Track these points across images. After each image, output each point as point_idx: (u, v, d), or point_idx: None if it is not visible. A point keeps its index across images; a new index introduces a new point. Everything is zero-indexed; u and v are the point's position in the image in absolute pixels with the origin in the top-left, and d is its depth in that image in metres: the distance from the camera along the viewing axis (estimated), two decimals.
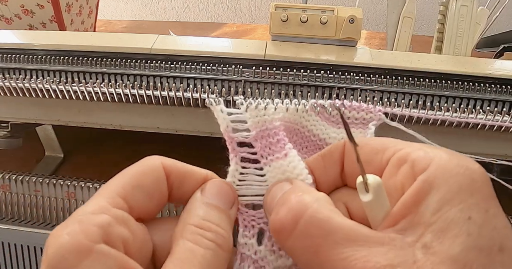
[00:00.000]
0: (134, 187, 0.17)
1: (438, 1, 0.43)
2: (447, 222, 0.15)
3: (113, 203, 0.16)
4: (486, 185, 0.16)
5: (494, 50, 0.68)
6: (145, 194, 0.18)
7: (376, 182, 0.17)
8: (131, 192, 0.17)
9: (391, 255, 0.15)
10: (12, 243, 0.38)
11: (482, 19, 0.43)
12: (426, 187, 0.16)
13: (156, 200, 0.19)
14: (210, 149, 0.54)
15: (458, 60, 0.39)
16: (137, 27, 0.96)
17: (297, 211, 0.17)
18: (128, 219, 0.17)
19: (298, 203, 0.17)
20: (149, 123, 0.42)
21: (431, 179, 0.16)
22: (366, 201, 0.17)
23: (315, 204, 0.17)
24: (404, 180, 0.17)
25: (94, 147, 0.57)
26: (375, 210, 0.17)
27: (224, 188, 0.20)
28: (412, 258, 0.14)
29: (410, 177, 0.17)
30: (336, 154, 0.21)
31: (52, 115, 0.43)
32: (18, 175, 0.40)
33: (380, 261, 0.14)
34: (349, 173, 0.20)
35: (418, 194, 0.16)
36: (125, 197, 0.17)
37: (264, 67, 0.37)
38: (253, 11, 1.39)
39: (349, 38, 0.39)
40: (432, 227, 0.15)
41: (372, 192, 0.17)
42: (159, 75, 0.37)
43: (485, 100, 0.36)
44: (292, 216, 0.17)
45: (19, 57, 0.40)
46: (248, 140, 0.22)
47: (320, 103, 0.27)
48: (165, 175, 0.19)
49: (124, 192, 0.17)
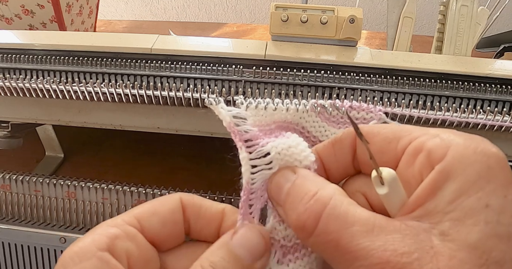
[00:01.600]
0: (151, 213, 0.19)
1: (438, 1, 0.43)
2: (465, 211, 0.15)
3: (127, 221, 0.18)
4: (504, 170, 0.16)
5: (494, 50, 0.68)
6: (159, 220, 0.19)
7: (391, 175, 0.17)
8: (146, 216, 0.19)
9: (408, 242, 0.15)
10: (12, 243, 0.38)
11: (483, 19, 0.43)
12: (443, 177, 0.16)
13: (169, 228, 0.19)
14: (210, 149, 0.55)
15: (458, 60, 0.39)
16: (137, 27, 0.96)
17: (316, 211, 0.17)
18: (136, 236, 0.18)
19: (316, 201, 0.17)
20: (149, 123, 0.42)
21: (447, 169, 0.16)
22: (382, 194, 0.17)
23: (332, 200, 0.17)
24: (422, 170, 0.17)
25: (94, 147, 0.57)
26: (392, 201, 0.17)
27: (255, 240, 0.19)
28: (429, 244, 0.15)
29: (428, 167, 0.16)
30: (347, 141, 0.20)
31: (52, 115, 0.43)
32: (18, 175, 0.40)
33: (397, 249, 0.15)
34: (363, 160, 0.20)
35: (435, 184, 0.16)
36: (140, 219, 0.19)
37: (264, 67, 0.37)
38: (253, 11, 1.39)
39: (349, 38, 0.39)
40: (449, 215, 0.15)
41: (387, 185, 0.17)
42: (159, 75, 0.37)
43: (485, 100, 0.36)
44: (312, 217, 0.17)
45: (20, 57, 0.40)
46: (250, 135, 0.22)
47: (320, 103, 0.27)
48: (182, 207, 0.20)
49: (140, 215, 0.19)
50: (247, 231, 0.19)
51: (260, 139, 0.21)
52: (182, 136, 0.43)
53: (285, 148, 0.20)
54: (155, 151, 0.55)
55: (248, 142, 0.21)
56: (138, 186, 0.39)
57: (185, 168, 0.52)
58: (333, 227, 0.16)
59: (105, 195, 0.39)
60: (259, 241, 0.19)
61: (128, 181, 0.40)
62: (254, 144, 0.21)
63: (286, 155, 0.20)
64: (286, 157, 0.21)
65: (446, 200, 0.15)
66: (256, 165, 0.20)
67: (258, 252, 0.19)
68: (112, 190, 0.39)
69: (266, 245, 0.19)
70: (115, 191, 0.39)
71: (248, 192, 0.20)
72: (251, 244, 0.19)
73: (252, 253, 0.18)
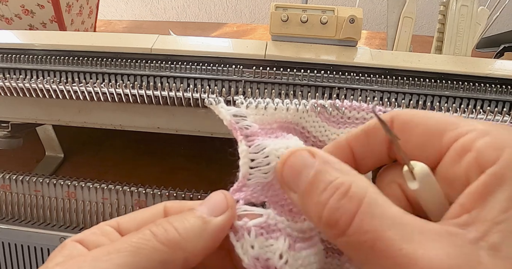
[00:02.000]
0: (131, 217, 0.20)
1: (438, 1, 0.43)
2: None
3: (107, 223, 0.19)
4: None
5: (494, 50, 0.68)
6: (137, 223, 0.19)
7: (423, 171, 0.16)
8: (126, 220, 0.19)
9: (454, 253, 0.14)
10: (12, 243, 0.38)
11: (482, 19, 0.43)
12: (496, 182, 0.14)
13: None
14: (210, 149, 0.55)
15: (458, 60, 0.39)
16: (137, 27, 0.96)
17: (350, 209, 0.15)
18: (111, 233, 0.19)
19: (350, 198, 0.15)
20: (149, 123, 0.42)
21: (501, 173, 0.14)
22: (415, 189, 0.16)
23: (367, 197, 0.15)
24: (469, 171, 0.15)
25: (94, 147, 0.57)
26: (426, 198, 0.16)
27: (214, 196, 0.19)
28: (476, 258, 0.13)
29: (476, 169, 0.15)
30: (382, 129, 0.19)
31: (52, 115, 0.43)
32: (18, 175, 0.40)
33: (443, 261, 0.13)
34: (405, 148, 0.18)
35: (486, 189, 0.14)
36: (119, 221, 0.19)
37: (264, 67, 0.37)
38: (253, 11, 1.39)
39: (349, 38, 0.39)
40: (501, 226, 0.14)
41: (418, 181, 0.16)
42: (159, 75, 0.37)
43: (485, 100, 0.36)
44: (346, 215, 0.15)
45: (20, 57, 0.40)
46: (250, 131, 0.22)
47: (320, 103, 0.27)
48: (165, 211, 0.20)
49: (120, 219, 0.19)
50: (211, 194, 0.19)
51: (260, 136, 0.21)
52: (182, 136, 0.43)
53: (283, 147, 0.20)
54: (155, 151, 0.55)
55: (248, 137, 0.21)
56: (138, 186, 0.39)
57: (185, 168, 0.52)
58: (368, 227, 0.15)
59: (105, 195, 0.39)
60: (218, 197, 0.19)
61: (128, 181, 0.40)
62: (254, 139, 0.21)
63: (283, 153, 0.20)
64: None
65: (498, 208, 0.14)
66: (255, 159, 0.20)
67: (218, 208, 0.18)
68: (112, 190, 0.39)
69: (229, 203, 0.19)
70: (115, 191, 0.39)
71: (242, 185, 0.20)
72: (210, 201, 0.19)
73: (210, 208, 0.18)
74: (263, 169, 0.20)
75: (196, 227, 0.17)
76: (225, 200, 0.19)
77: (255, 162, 0.20)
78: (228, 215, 0.18)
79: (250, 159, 0.20)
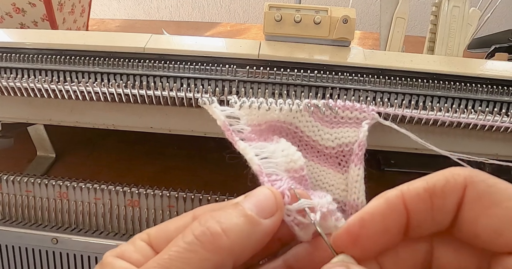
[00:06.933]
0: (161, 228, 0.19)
1: (430, 2, 0.44)
2: None
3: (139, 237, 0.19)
4: None
5: (485, 50, 0.69)
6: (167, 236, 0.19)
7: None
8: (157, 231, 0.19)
9: None
10: (3, 244, 0.38)
11: (474, 20, 0.43)
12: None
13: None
14: (204, 149, 0.54)
15: (450, 60, 0.40)
16: (130, 26, 0.96)
17: None
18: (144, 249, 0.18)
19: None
20: (142, 122, 0.41)
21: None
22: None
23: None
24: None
25: (86, 147, 0.56)
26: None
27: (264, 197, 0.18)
28: None
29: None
30: (454, 195, 0.15)
31: (44, 114, 0.43)
32: (10, 175, 0.40)
33: None
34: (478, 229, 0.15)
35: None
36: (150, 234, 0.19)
37: (258, 67, 0.37)
38: (247, 10, 1.39)
39: (343, 38, 0.39)
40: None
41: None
42: (152, 74, 0.37)
43: (477, 100, 0.36)
44: None
45: (10, 56, 0.39)
46: (244, 136, 0.22)
47: (314, 103, 0.27)
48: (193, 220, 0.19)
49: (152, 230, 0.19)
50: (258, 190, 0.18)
51: (253, 141, 0.22)
52: (176, 136, 0.43)
53: (278, 150, 0.21)
54: (149, 150, 0.55)
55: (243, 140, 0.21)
56: (131, 186, 0.39)
57: (179, 167, 0.52)
58: None
59: (97, 195, 0.39)
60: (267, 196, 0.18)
61: (121, 181, 0.40)
62: (248, 143, 0.21)
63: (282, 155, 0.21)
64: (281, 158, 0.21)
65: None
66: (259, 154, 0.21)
67: (268, 209, 0.17)
68: (104, 190, 0.39)
69: (278, 204, 0.18)
70: (108, 191, 0.39)
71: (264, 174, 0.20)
72: (259, 201, 0.17)
73: (259, 208, 0.17)
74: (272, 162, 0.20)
75: (245, 229, 0.16)
76: (274, 201, 0.18)
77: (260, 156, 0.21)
78: (278, 217, 0.18)
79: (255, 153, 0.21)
